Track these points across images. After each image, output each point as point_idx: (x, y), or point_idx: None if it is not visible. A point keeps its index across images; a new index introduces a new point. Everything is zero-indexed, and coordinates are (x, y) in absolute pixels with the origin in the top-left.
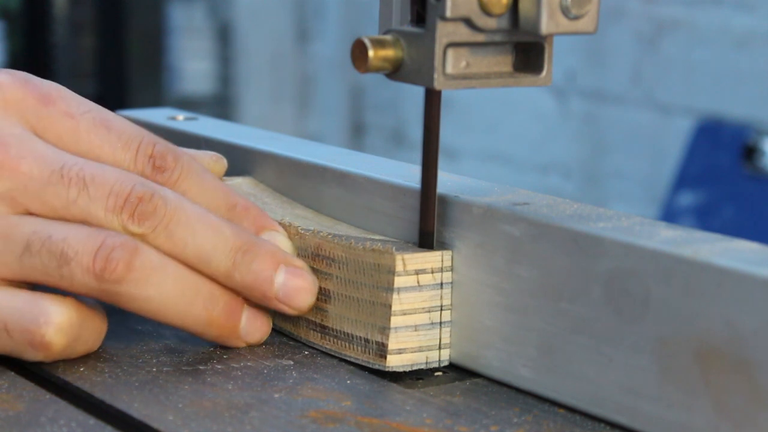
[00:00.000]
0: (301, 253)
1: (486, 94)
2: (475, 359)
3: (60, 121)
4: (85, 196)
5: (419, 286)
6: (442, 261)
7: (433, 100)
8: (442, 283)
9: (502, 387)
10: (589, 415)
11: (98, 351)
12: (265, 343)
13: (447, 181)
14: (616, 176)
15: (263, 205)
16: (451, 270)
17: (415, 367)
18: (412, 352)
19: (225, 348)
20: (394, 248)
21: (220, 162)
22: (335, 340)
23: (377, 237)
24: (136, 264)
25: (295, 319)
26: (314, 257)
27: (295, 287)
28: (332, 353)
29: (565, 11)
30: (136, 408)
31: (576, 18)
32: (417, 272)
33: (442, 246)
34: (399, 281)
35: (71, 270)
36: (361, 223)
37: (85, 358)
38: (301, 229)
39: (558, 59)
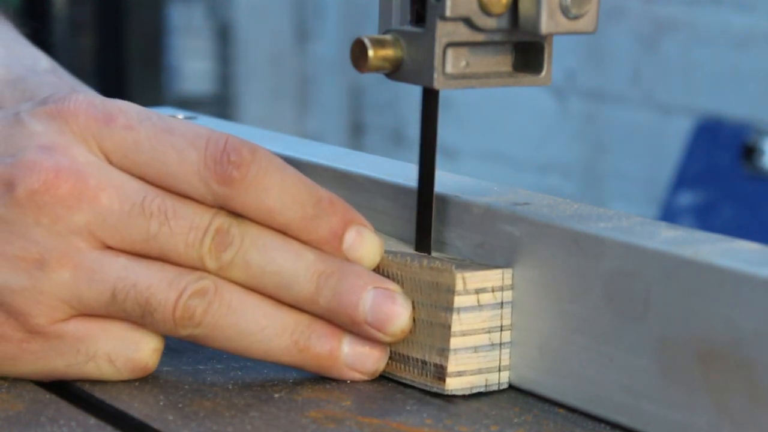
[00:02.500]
0: None
1: (486, 94)
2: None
3: (122, 136)
4: (166, 231)
5: (479, 306)
6: (503, 279)
7: (430, 100)
8: (502, 303)
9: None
10: (590, 415)
11: None
12: None
13: (447, 181)
14: (616, 176)
15: None
16: (512, 288)
17: (474, 390)
18: (471, 374)
19: None
20: (453, 266)
21: None
22: (390, 361)
23: (436, 255)
24: (214, 307)
25: None
26: None
27: (385, 311)
28: (387, 376)
29: (564, 11)
30: (136, 408)
31: (576, 18)
32: (477, 291)
33: (442, 246)
34: (459, 300)
35: (154, 318)
36: None
37: None
38: None
39: (558, 59)
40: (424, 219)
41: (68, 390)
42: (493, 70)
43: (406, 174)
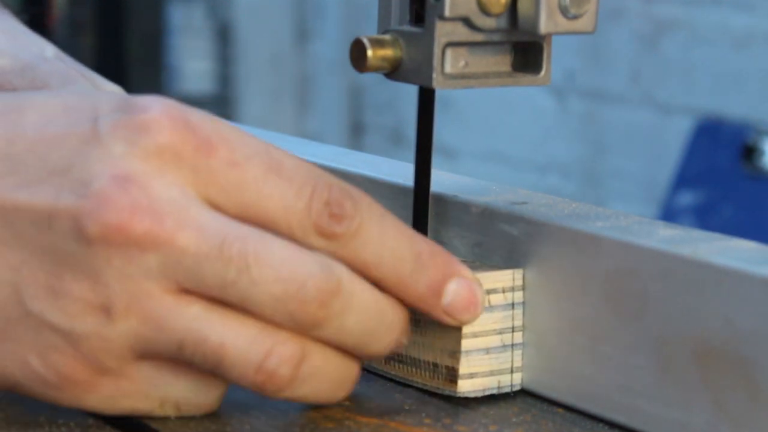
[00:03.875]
0: None
1: (485, 94)
2: None
3: (224, 173)
4: (245, 278)
5: (490, 307)
6: (513, 280)
7: (427, 100)
8: (513, 303)
9: None
10: (588, 414)
11: None
12: None
13: (445, 181)
14: (616, 176)
15: None
16: (523, 289)
17: (487, 393)
18: (483, 376)
19: None
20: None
21: None
22: (401, 365)
23: None
24: (300, 373)
25: None
26: None
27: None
28: (398, 379)
29: (563, 11)
30: None
31: (575, 17)
32: (488, 292)
33: (440, 245)
34: None
35: (227, 374)
36: None
37: None
38: None
39: (557, 59)
40: (419, 218)
41: None
42: (493, 70)
43: (406, 174)
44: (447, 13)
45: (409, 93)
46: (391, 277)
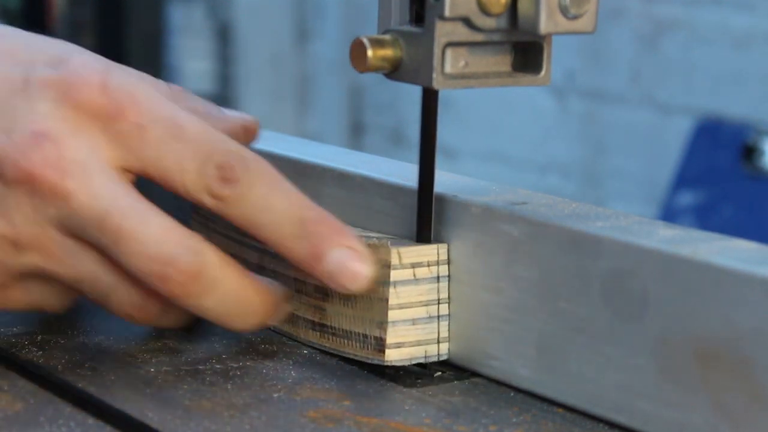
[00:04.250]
0: None
1: (485, 94)
2: (474, 359)
3: (131, 135)
4: (116, 250)
5: (416, 280)
6: (438, 254)
7: (430, 100)
8: (438, 277)
9: (500, 386)
10: (588, 414)
11: (97, 350)
12: (264, 342)
13: (445, 181)
14: (616, 176)
15: None
16: (448, 263)
17: (414, 362)
18: (410, 346)
19: (224, 348)
20: (389, 243)
21: (250, 130)
22: (333, 337)
23: (374, 234)
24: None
25: (294, 319)
26: None
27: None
28: (331, 351)
29: (563, 11)
30: (135, 408)
31: (575, 17)
32: (413, 266)
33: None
34: (395, 275)
35: (111, 308)
36: (360, 222)
37: (84, 358)
38: None
39: (557, 59)
40: (423, 216)
41: (67, 390)
42: (493, 70)
43: (406, 174)
44: (447, 13)
45: (409, 93)
46: (273, 238)
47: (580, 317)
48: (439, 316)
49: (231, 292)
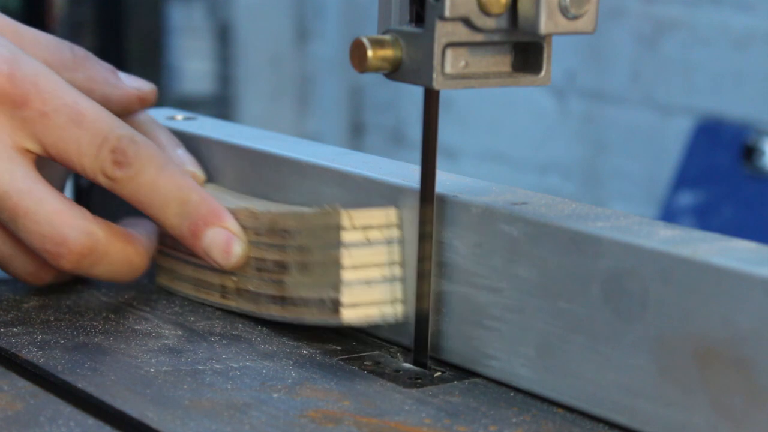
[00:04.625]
0: (257, 232)
1: (485, 94)
2: (473, 359)
3: (34, 122)
4: (14, 226)
5: (368, 242)
6: (387, 218)
7: (432, 100)
8: (389, 240)
9: (500, 387)
10: (588, 414)
11: (96, 350)
12: (264, 342)
13: (446, 181)
14: (616, 176)
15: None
16: (399, 227)
17: (370, 322)
18: (366, 305)
19: (224, 348)
20: (339, 206)
21: (144, 99)
22: (294, 307)
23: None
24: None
25: (256, 297)
26: (269, 233)
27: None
28: (293, 322)
29: (563, 11)
30: (135, 408)
31: (575, 18)
32: (365, 228)
33: (440, 245)
34: (347, 237)
35: (13, 273)
36: None
37: (84, 358)
38: (255, 210)
39: (557, 59)
40: (425, 214)
41: (67, 390)
42: (493, 70)
43: (406, 174)
44: (447, 13)
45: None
46: (158, 216)
47: (580, 317)
48: (393, 278)
49: (117, 259)
